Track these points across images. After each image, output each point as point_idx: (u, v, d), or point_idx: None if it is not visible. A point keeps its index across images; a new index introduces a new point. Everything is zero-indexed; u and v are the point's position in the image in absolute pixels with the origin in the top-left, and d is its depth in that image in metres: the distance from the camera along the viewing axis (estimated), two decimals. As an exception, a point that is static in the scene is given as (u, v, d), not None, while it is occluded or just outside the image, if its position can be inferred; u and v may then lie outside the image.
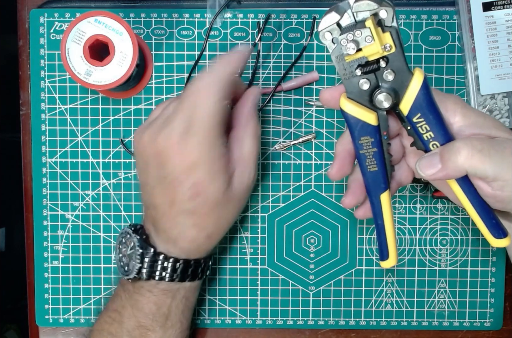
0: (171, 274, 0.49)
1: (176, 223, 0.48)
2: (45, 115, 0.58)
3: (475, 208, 0.43)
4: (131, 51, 0.52)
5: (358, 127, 0.42)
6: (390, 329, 0.60)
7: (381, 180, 0.43)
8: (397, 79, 0.41)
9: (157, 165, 0.47)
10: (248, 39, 0.58)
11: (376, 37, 0.39)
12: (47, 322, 0.60)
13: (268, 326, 0.60)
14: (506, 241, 0.44)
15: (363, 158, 0.43)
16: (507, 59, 0.55)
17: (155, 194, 0.48)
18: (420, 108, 0.40)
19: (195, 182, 0.46)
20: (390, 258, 0.46)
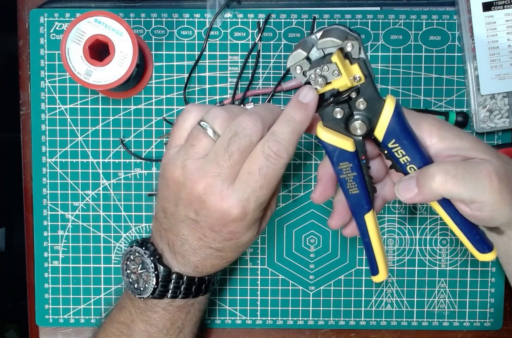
0: (185, 292, 0.49)
1: (200, 252, 0.47)
2: (45, 115, 0.58)
3: (458, 226, 0.44)
4: (131, 51, 0.52)
5: (336, 154, 0.42)
6: (390, 329, 0.60)
7: (363, 201, 0.44)
8: (370, 107, 0.41)
9: (191, 209, 0.45)
10: (248, 39, 0.58)
11: (343, 71, 0.40)
12: (47, 322, 0.60)
13: (268, 326, 0.60)
14: (491, 255, 0.45)
15: (344, 182, 0.43)
16: (507, 59, 0.55)
17: (181, 226, 0.46)
18: (394, 134, 0.41)
19: (231, 231, 0.45)
20: (380, 273, 0.46)
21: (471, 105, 0.56)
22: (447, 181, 0.41)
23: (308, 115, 0.43)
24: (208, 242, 0.46)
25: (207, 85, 0.58)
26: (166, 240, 0.48)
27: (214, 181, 0.43)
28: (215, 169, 0.43)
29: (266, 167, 0.42)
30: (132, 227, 0.59)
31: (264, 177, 0.42)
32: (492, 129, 0.57)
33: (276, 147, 0.42)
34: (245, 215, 0.43)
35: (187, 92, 0.58)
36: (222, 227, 0.44)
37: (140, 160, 0.58)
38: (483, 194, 0.41)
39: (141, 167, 0.58)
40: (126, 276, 0.50)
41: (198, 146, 0.44)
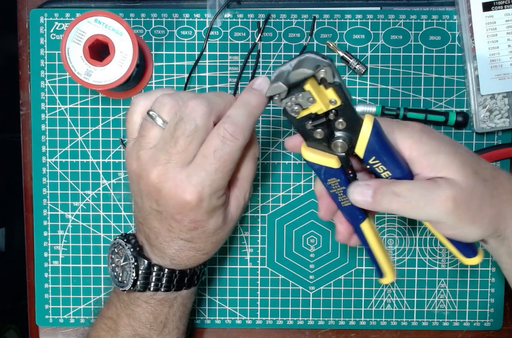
0: (167, 285, 0.49)
1: (173, 244, 0.47)
2: (45, 115, 0.58)
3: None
4: (131, 51, 0.52)
5: (323, 171, 0.43)
6: (390, 329, 0.60)
7: (356, 212, 0.45)
8: (349, 127, 0.42)
9: (152, 200, 0.45)
10: (248, 39, 0.58)
11: (317, 98, 0.41)
12: (47, 322, 0.60)
13: (268, 326, 0.60)
14: (477, 259, 0.45)
15: (334, 196, 0.44)
16: (507, 59, 0.55)
17: (150, 218, 0.46)
18: (373, 151, 0.42)
19: (193, 219, 0.44)
20: (387, 276, 0.47)
21: (471, 105, 0.56)
22: (402, 205, 0.42)
23: (263, 101, 0.44)
24: (176, 232, 0.46)
25: (207, 85, 0.58)
26: (143, 233, 0.48)
27: (166, 168, 0.43)
28: (164, 156, 0.43)
29: (221, 149, 0.42)
30: (132, 227, 0.59)
31: (219, 159, 0.42)
32: (492, 129, 0.57)
33: (232, 129, 0.42)
34: (201, 201, 0.43)
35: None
36: (183, 216, 0.44)
37: (140, 160, 0.58)
38: (439, 217, 0.42)
39: (141, 167, 0.58)
40: (111, 270, 0.50)
41: (148, 136, 0.44)
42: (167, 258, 0.48)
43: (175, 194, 0.43)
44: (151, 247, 0.48)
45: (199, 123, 0.42)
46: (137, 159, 0.44)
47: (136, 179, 0.45)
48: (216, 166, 0.42)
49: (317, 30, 0.57)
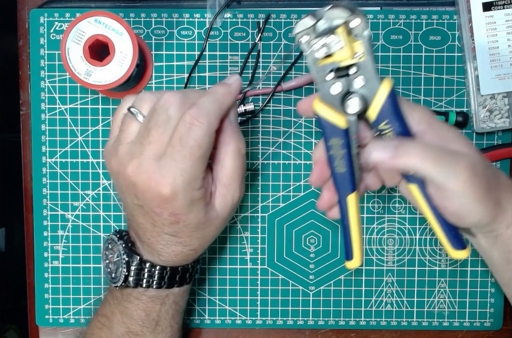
0: (158, 282, 0.49)
1: (160, 239, 0.47)
2: (45, 115, 0.58)
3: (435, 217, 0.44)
4: (131, 51, 0.52)
5: (329, 128, 0.43)
6: (390, 329, 0.60)
7: (348, 181, 0.44)
8: (367, 86, 0.42)
9: (131, 194, 0.45)
10: (248, 39, 0.58)
11: (346, 44, 0.41)
12: (47, 322, 0.60)
13: (268, 326, 0.60)
14: (465, 252, 0.45)
15: (332, 159, 0.44)
16: (507, 59, 0.55)
17: (136, 214, 0.46)
18: (386, 115, 0.42)
19: (171, 212, 0.44)
20: (354, 259, 0.46)
21: (471, 105, 0.56)
22: (425, 158, 0.41)
23: (231, 91, 0.44)
24: (159, 227, 0.46)
25: (207, 85, 0.58)
26: (133, 229, 0.48)
27: (140, 161, 0.43)
28: (138, 148, 0.43)
29: (186, 135, 0.42)
30: (132, 227, 0.59)
31: (185, 146, 0.42)
32: (492, 129, 0.57)
33: (195, 113, 0.42)
34: (175, 193, 0.43)
35: (187, 92, 0.58)
36: (161, 209, 0.44)
37: (140, 160, 0.58)
38: (454, 182, 0.41)
39: (141, 167, 0.58)
40: (105, 266, 0.50)
41: (128, 131, 0.45)
42: (156, 253, 0.48)
43: (149, 187, 0.43)
44: (141, 243, 0.48)
45: (171, 113, 0.42)
46: (115, 155, 0.45)
47: (116, 175, 0.45)
48: (183, 154, 0.42)
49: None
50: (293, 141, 0.58)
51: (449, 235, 0.44)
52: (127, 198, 0.46)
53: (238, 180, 0.47)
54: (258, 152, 0.58)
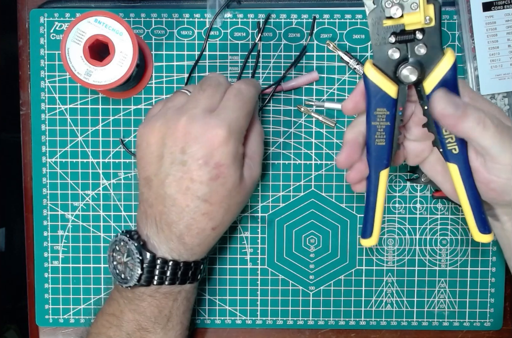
0: (171, 278, 0.49)
1: (186, 212, 0.48)
2: (45, 115, 0.58)
3: (469, 198, 0.43)
4: (131, 51, 0.52)
5: (377, 97, 0.40)
6: (390, 329, 0.60)
7: (385, 155, 0.42)
8: (428, 55, 0.39)
9: (177, 150, 0.47)
10: (248, 39, 0.58)
11: (421, 6, 0.38)
12: (47, 322, 0.60)
13: (268, 326, 0.60)
14: (489, 237, 0.44)
15: (373, 130, 0.41)
16: (507, 59, 0.55)
17: (168, 183, 0.48)
18: (445, 87, 0.39)
19: (217, 162, 0.46)
20: (372, 237, 0.45)
21: (471, 105, 0.56)
22: (487, 127, 0.40)
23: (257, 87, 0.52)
24: (195, 189, 0.47)
25: (207, 85, 0.58)
26: (152, 218, 0.49)
27: (194, 112, 0.47)
28: (193, 104, 0.48)
29: (239, 93, 0.49)
30: (132, 227, 0.59)
31: (240, 99, 0.48)
32: (492, 129, 0.57)
33: (242, 82, 0.50)
34: (229, 136, 0.47)
35: (187, 92, 0.58)
36: (208, 158, 0.46)
37: (140, 160, 0.58)
38: (508, 156, 0.41)
39: (141, 167, 0.58)
40: (113, 268, 0.50)
41: (176, 100, 0.50)
42: (176, 238, 0.48)
43: (205, 131, 0.46)
44: (158, 232, 0.49)
45: (222, 80, 0.50)
46: (163, 116, 0.48)
47: (159, 136, 0.48)
48: (237, 105, 0.48)
49: (317, 30, 0.57)
50: (293, 141, 0.58)
51: (477, 218, 0.43)
52: (167, 159, 0.47)
53: (260, 155, 0.52)
54: (258, 152, 0.58)
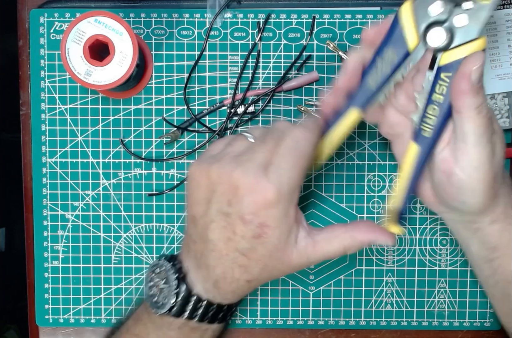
0: (202, 316, 0.48)
1: (224, 260, 0.45)
2: (45, 115, 0.58)
3: (407, 187, 0.43)
4: (131, 51, 0.52)
5: (395, 39, 0.39)
6: (390, 329, 0.60)
7: (365, 98, 0.42)
8: (465, 29, 0.38)
9: (224, 201, 0.44)
10: (248, 39, 0.58)
11: None
12: (47, 322, 0.60)
13: (268, 326, 0.60)
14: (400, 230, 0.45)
15: (370, 70, 0.40)
16: (507, 59, 0.55)
17: (211, 228, 0.45)
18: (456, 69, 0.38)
19: (262, 222, 0.44)
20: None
21: (471, 105, 0.56)
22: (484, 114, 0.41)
23: (315, 131, 0.46)
24: (236, 241, 0.44)
25: (207, 85, 0.58)
26: (193, 253, 0.47)
27: (248, 166, 0.43)
28: (249, 156, 0.44)
29: (296, 147, 0.44)
30: (132, 227, 0.59)
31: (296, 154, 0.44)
32: (492, 129, 0.57)
33: (302, 128, 0.45)
34: (279, 199, 0.43)
35: (187, 92, 0.58)
36: (254, 216, 0.43)
37: (140, 160, 0.58)
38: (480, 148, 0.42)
39: (141, 167, 0.58)
40: (148, 288, 0.49)
41: (236, 145, 0.46)
42: (212, 279, 0.47)
43: (253, 189, 0.43)
44: (199, 268, 0.47)
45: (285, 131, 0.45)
46: (218, 162, 0.45)
47: (210, 181, 0.45)
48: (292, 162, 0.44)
49: (317, 30, 0.57)
50: (293, 141, 0.58)
51: (403, 207, 0.43)
52: (214, 205, 0.45)
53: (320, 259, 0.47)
54: (258, 152, 0.58)
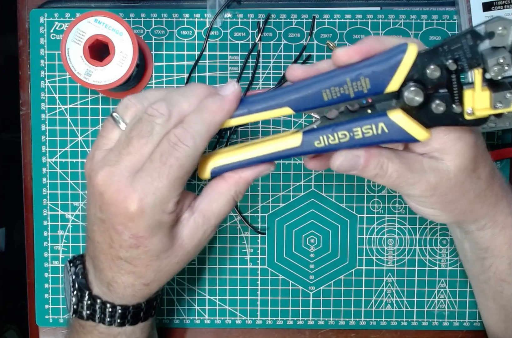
0: (109, 320, 0.45)
1: (112, 265, 0.43)
2: (45, 115, 0.58)
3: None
4: (131, 51, 0.52)
5: (381, 72, 0.38)
6: (390, 329, 0.60)
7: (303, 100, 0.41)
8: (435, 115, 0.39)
9: (97, 206, 0.42)
10: (248, 39, 0.58)
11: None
12: (47, 322, 0.60)
13: (268, 326, 0.60)
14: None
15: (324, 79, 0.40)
16: (507, 59, 0.55)
17: (95, 230, 0.43)
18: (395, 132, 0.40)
19: (134, 234, 0.41)
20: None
21: (471, 105, 0.56)
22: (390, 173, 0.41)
23: (224, 107, 0.40)
24: (116, 249, 0.42)
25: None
26: (90, 251, 0.45)
27: (113, 170, 0.40)
28: (115, 157, 0.40)
29: (168, 154, 0.39)
30: (132, 227, 0.59)
31: (164, 163, 0.39)
32: (492, 129, 0.57)
33: (181, 133, 0.39)
34: (142, 211, 0.39)
35: (187, 92, 0.58)
36: (124, 228, 0.40)
37: (140, 160, 0.58)
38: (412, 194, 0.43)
39: (141, 167, 0.58)
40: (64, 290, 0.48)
41: (107, 138, 0.42)
42: (105, 282, 0.44)
43: (116, 199, 0.40)
44: (94, 271, 0.45)
45: (157, 127, 0.40)
46: (90, 159, 0.42)
47: (87, 181, 0.42)
48: (160, 171, 0.39)
49: (317, 30, 0.57)
50: (293, 141, 0.58)
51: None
52: (91, 208, 0.42)
53: (219, 219, 0.44)
54: (258, 152, 0.58)
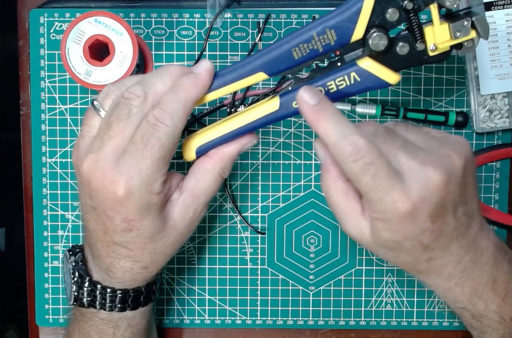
0: (110, 305, 0.46)
1: (109, 251, 0.44)
2: (45, 115, 0.58)
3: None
4: (131, 51, 0.52)
5: (344, 22, 0.45)
6: (390, 329, 0.60)
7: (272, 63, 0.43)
8: (401, 54, 0.42)
9: (86, 193, 0.42)
10: (248, 39, 0.58)
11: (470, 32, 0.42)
12: (47, 322, 0.60)
13: (268, 326, 0.60)
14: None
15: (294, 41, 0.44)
16: (507, 59, 0.55)
17: (88, 218, 0.43)
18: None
19: (125, 217, 0.41)
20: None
21: (471, 105, 0.56)
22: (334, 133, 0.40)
23: (198, 84, 0.41)
24: (110, 234, 0.42)
25: (207, 85, 0.58)
26: (87, 239, 0.46)
27: (97, 156, 0.41)
28: (98, 144, 0.41)
29: (149, 134, 0.40)
30: (132, 227, 0.59)
31: (146, 144, 0.39)
32: (492, 129, 0.57)
33: (159, 114, 0.40)
34: (130, 194, 0.40)
35: (187, 92, 0.58)
36: (114, 212, 0.41)
37: (140, 160, 0.58)
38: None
39: (141, 167, 0.58)
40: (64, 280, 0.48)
41: (89, 125, 0.43)
42: (105, 269, 0.45)
43: (103, 185, 0.40)
44: (92, 258, 0.46)
45: (134, 109, 0.40)
46: (76, 149, 0.43)
47: (75, 170, 0.43)
48: (143, 153, 0.40)
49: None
50: (293, 141, 0.58)
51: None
52: (82, 197, 0.43)
53: (209, 197, 0.44)
54: (258, 152, 0.58)
